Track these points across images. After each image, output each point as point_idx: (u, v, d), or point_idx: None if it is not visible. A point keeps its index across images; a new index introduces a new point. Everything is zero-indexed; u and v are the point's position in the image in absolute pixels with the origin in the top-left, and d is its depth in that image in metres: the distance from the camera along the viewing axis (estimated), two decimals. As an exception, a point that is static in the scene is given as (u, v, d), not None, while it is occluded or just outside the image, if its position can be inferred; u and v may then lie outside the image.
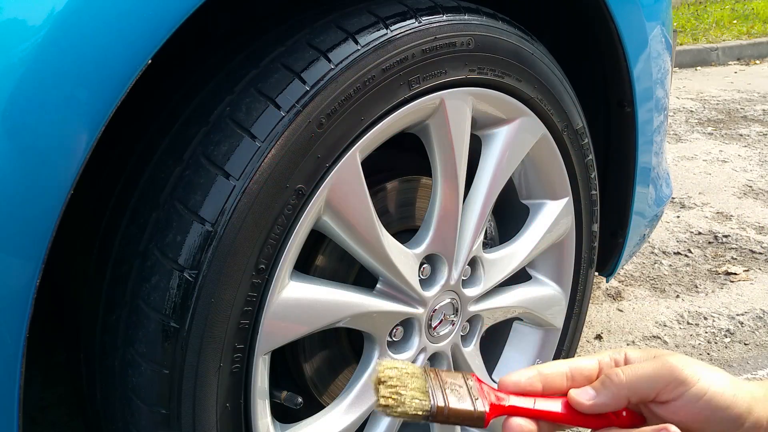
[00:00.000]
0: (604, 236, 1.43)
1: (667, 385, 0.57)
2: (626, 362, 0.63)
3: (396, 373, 0.59)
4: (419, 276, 1.05)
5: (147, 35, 0.70)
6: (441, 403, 0.58)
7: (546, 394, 0.61)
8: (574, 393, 0.60)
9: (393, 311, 1.02)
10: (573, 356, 1.44)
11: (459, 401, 0.59)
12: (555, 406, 0.61)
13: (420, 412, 0.58)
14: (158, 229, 0.80)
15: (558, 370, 0.62)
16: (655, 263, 2.41)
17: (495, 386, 0.63)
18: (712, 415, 0.57)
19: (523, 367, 1.32)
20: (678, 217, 2.79)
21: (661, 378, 0.58)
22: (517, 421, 0.59)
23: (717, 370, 0.60)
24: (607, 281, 2.26)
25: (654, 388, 0.58)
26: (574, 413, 0.60)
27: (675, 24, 7.08)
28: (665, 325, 2.05)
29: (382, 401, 0.58)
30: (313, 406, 1.07)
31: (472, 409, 0.59)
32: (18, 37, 0.63)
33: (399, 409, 0.58)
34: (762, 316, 2.06)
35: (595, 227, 1.36)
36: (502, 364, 1.36)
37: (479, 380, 0.62)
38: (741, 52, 6.35)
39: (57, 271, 0.91)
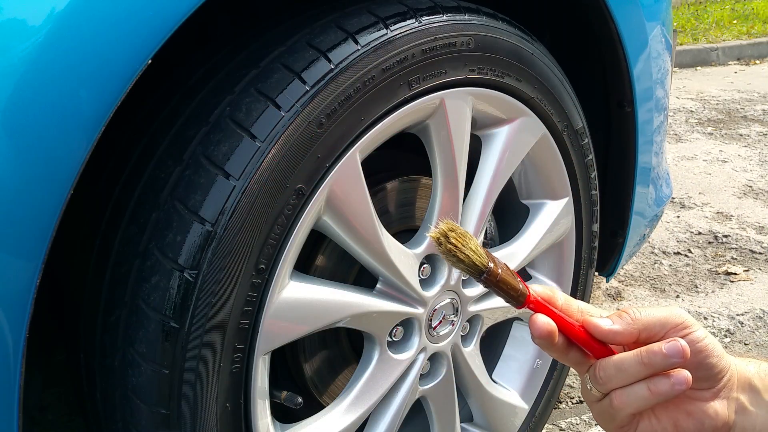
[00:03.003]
0: (604, 236, 1.43)
1: (676, 326, 0.63)
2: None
3: (461, 230, 0.62)
4: (419, 276, 1.05)
5: (147, 35, 0.70)
6: (496, 267, 0.62)
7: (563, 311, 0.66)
8: (592, 318, 0.65)
9: (393, 311, 1.02)
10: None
11: (507, 275, 0.62)
12: (573, 322, 0.65)
13: (479, 265, 0.61)
14: (158, 229, 0.80)
15: (572, 301, 0.66)
16: (655, 263, 2.41)
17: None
18: (704, 361, 0.63)
19: (523, 367, 1.33)
20: (678, 217, 2.79)
21: (672, 320, 0.64)
22: (543, 317, 0.63)
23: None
24: (607, 281, 2.26)
25: (664, 328, 0.63)
26: (587, 335, 0.64)
27: (675, 24, 7.08)
28: (665, 325, 2.05)
29: (451, 243, 0.61)
30: (313, 406, 1.07)
31: (517, 285, 0.63)
32: (18, 37, 0.63)
33: (461, 254, 0.61)
34: (762, 316, 2.06)
35: (595, 227, 1.36)
36: (502, 364, 1.35)
37: (516, 273, 0.66)
38: (741, 52, 6.35)
39: (57, 271, 0.91)
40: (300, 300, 0.90)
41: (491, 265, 0.62)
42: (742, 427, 0.65)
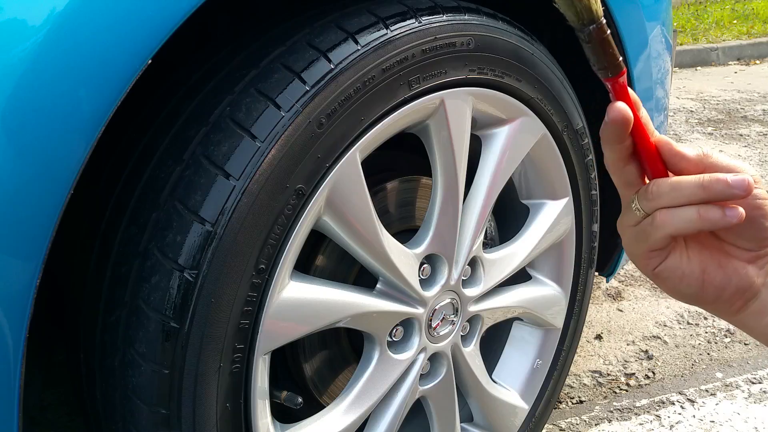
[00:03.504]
0: (604, 236, 1.43)
1: (734, 165, 0.61)
2: None
3: None
4: (419, 276, 1.05)
5: (147, 35, 0.70)
6: (605, 26, 0.55)
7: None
8: (666, 137, 0.62)
9: (393, 311, 1.02)
10: (573, 356, 1.45)
11: (612, 40, 0.56)
12: (646, 133, 0.61)
13: (594, 12, 0.54)
14: (158, 229, 0.80)
15: (650, 122, 0.64)
16: (655, 263, 2.40)
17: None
18: (757, 220, 0.61)
19: (523, 367, 1.33)
20: (678, 217, 2.79)
21: (741, 169, 0.61)
22: (624, 105, 0.60)
23: None
24: (607, 281, 2.26)
25: (732, 164, 0.61)
26: (654, 151, 0.61)
27: (675, 24, 7.08)
28: (665, 325, 2.05)
29: None
30: (313, 406, 1.07)
31: (618, 54, 0.57)
32: (18, 37, 0.63)
33: None
34: (762, 316, 2.06)
35: (595, 227, 1.36)
36: (502, 364, 1.36)
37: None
38: (741, 52, 6.35)
39: (57, 271, 0.91)
40: (300, 300, 0.90)
41: (603, 20, 0.54)
42: (764, 302, 0.63)
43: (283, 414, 1.02)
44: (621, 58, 0.57)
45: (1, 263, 0.66)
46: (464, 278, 1.14)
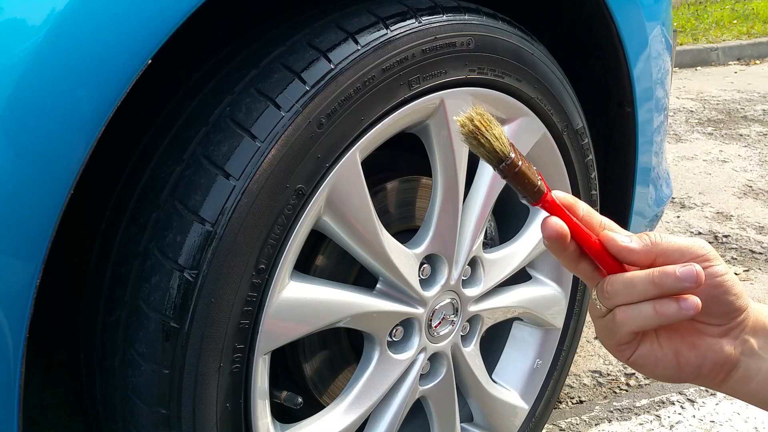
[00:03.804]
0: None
1: (696, 257, 0.61)
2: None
3: (489, 116, 0.60)
4: (419, 276, 1.05)
5: (147, 35, 0.70)
6: (517, 159, 0.59)
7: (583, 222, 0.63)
8: (610, 233, 0.62)
9: (393, 311, 1.02)
10: (573, 357, 1.45)
11: (527, 169, 0.60)
12: (589, 233, 0.62)
13: (499, 152, 0.59)
14: (158, 229, 0.80)
15: (595, 215, 0.64)
16: (655, 263, 2.40)
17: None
18: (721, 296, 0.61)
19: (523, 367, 1.33)
20: (678, 217, 2.79)
21: (693, 250, 0.61)
22: (556, 219, 0.61)
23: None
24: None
25: (683, 257, 0.61)
26: (601, 249, 0.62)
27: (675, 24, 7.08)
28: (665, 325, 2.05)
29: (474, 125, 0.59)
30: (313, 406, 1.07)
31: (536, 181, 0.60)
32: (18, 37, 0.63)
33: (483, 138, 0.59)
34: (762, 316, 2.06)
35: (595, 227, 1.36)
36: (502, 364, 1.35)
37: (540, 174, 0.63)
38: (741, 52, 6.35)
39: (57, 271, 0.91)
40: (300, 300, 0.90)
41: (512, 155, 0.59)
42: (746, 369, 0.63)
43: (283, 414, 1.02)
44: (539, 183, 0.60)
45: (1, 263, 0.66)
46: (464, 278, 1.14)
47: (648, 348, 0.63)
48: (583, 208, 0.63)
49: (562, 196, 0.62)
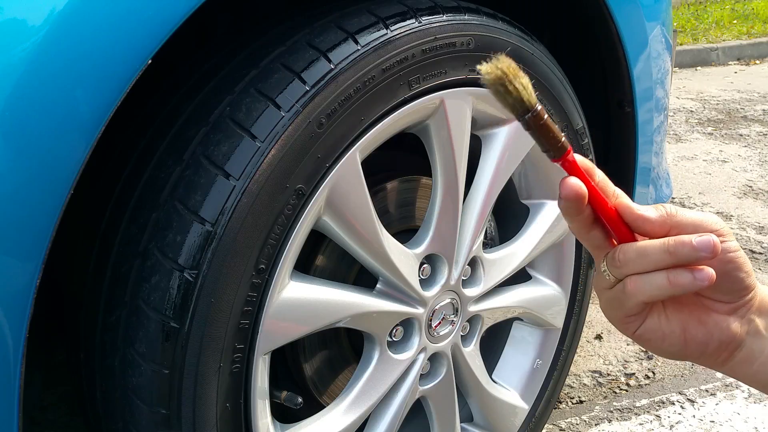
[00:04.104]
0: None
1: (711, 231, 0.60)
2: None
3: (515, 66, 0.58)
4: (419, 276, 1.05)
5: (147, 35, 0.70)
6: (543, 111, 0.57)
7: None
8: (626, 201, 0.61)
9: (393, 311, 1.02)
10: (573, 356, 1.45)
11: (552, 123, 0.58)
12: (605, 200, 0.61)
13: (527, 102, 0.56)
14: (158, 229, 0.80)
15: (610, 183, 0.63)
16: (655, 263, 2.40)
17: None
18: (732, 272, 0.61)
19: (523, 367, 1.33)
20: (678, 217, 2.79)
21: (707, 224, 0.60)
22: (575, 180, 0.59)
23: None
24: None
25: (697, 231, 0.60)
26: (616, 216, 0.61)
27: (675, 24, 7.07)
28: (665, 325, 2.05)
29: (503, 69, 0.56)
30: (313, 406, 1.07)
31: (560, 136, 0.58)
32: (18, 37, 0.63)
33: (513, 84, 0.56)
34: (762, 316, 2.06)
35: (595, 227, 1.36)
36: (502, 364, 1.35)
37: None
38: (741, 52, 6.35)
39: (57, 271, 0.91)
40: (300, 300, 0.90)
41: (539, 106, 0.57)
42: (750, 350, 0.63)
43: (283, 414, 1.02)
44: (563, 139, 0.58)
45: (1, 263, 0.66)
46: (464, 278, 1.14)
47: (655, 322, 0.63)
48: (599, 175, 0.62)
49: (580, 159, 0.61)
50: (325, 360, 1.09)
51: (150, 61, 0.70)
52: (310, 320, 0.92)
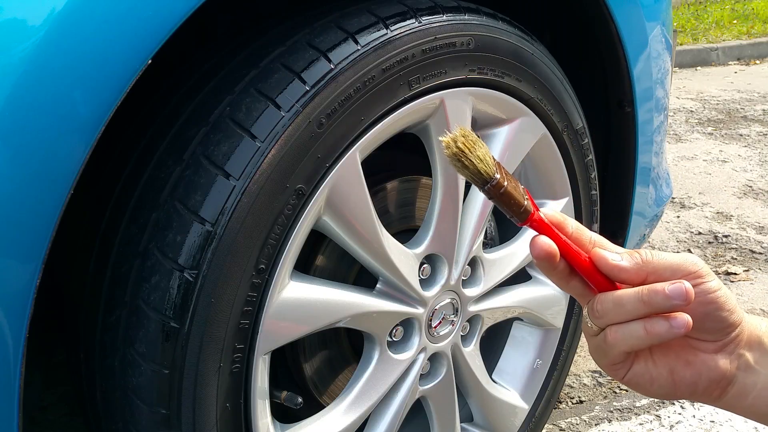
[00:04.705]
0: (604, 236, 1.42)
1: (688, 274, 0.60)
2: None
3: (474, 137, 0.60)
4: (419, 276, 1.05)
5: (147, 35, 0.70)
6: (502, 180, 0.60)
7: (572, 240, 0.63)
8: (601, 250, 0.62)
9: (393, 311, 1.02)
10: (573, 356, 1.45)
11: (514, 189, 0.60)
12: (579, 251, 0.62)
13: (484, 174, 0.59)
14: (158, 229, 0.80)
15: (585, 231, 0.64)
16: (655, 263, 2.40)
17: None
18: (714, 312, 0.61)
19: (523, 367, 1.33)
20: (678, 217, 2.79)
21: (685, 267, 0.60)
22: (544, 238, 0.60)
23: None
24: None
25: (675, 275, 0.60)
26: (592, 267, 0.62)
27: (675, 24, 7.07)
28: (665, 325, 2.05)
29: (459, 147, 0.59)
30: (313, 406, 1.07)
31: (522, 201, 0.60)
32: (18, 37, 0.63)
33: (469, 159, 0.59)
34: (762, 316, 2.06)
35: (595, 227, 1.36)
36: (502, 364, 1.35)
37: (527, 192, 0.63)
38: (741, 52, 6.35)
39: (57, 271, 0.91)
40: (300, 300, 0.90)
41: (497, 176, 0.59)
42: (742, 384, 0.63)
43: (283, 414, 1.02)
44: (526, 203, 0.60)
45: (1, 263, 0.66)
46: (464, 278, 1.14)
47: (642, 367, 0.63)
48: (572, 225, 0.63)
49: (550, 213, 0.62)
50: (325, 360, 1.09)
51: (150, 61, 0.70)
52: (310, 320, 0.92)
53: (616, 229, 1.44)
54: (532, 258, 0.61)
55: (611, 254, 0.61)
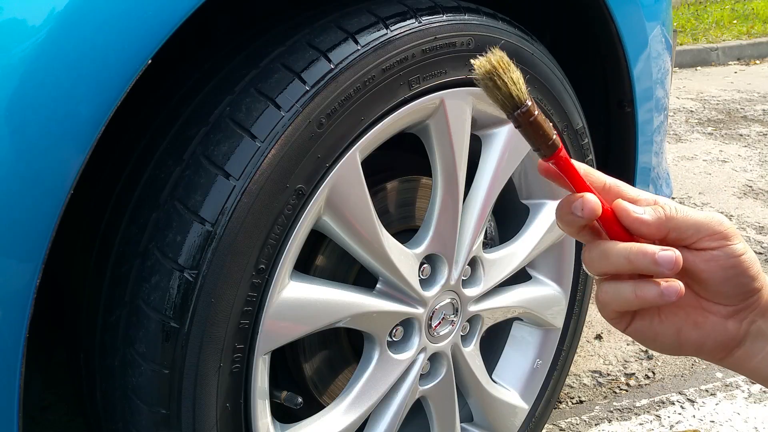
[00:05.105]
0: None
1: (712, 234, 0.57)
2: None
3: (508, 60, 0.55)
4: (419, 276, 1.05)
5: (147, 35, 0.70)
6: (533, 108, 0.55)
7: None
8: (624, 203, 0.58)
9: (393, 311, 1.02)
10: (573, 356, 1.45)
11: (543, 120, 0.56)
12: (603, 202, 0.58)
13: (515, 98, 0.54)
14: (158, 229, 0.80)
15: (596, 174, 0.60)
16: (655, 263, 2.40)
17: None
18: (735, 278, 0.58)
19: (523, 367, 1.33)
20: (678, 217, 2.79)
21: (709, 227, 0.57)
22: (596, 201, 0.56)
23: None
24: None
25: (698, 234, 0.57)
26: (612, 217, 0.58)
27: (675, 24, 7.07)
28: (665, 325, 2.05)
29: (494, 63, 0.54)
30: (313, 406, 1.07)
31: (551, 134, 0.56)
32: (18, 37, 0.63)
33: (502, 79, 0.54)
34: (762, 316, 2.06)
35: (595, 227, 1.36)
36: (502, 364, 1.35)
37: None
38: (741, 52, 6.35)
39: (57, 271, 0.91)
40: (300, 300, 0.90)
41: (529, 102, 0.54)
42: (750, 347, 0.60)
43: (283, 414, 1.02)
44: (554, 137, 0.56)
45: (1, 263, 0.66)
46: (464, 278, 1.14)
47: (647, 322, 0.61)
48: (595, 176, 0.60)
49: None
50: (325, 360, 1.09)
51: (150, 61, 0.70)
52: (310, 320, 0.92)
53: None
54: (577, 213, 0.56)
55: (634, 207, 0.58)
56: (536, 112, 0.55)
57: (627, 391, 1.76)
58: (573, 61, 1.30)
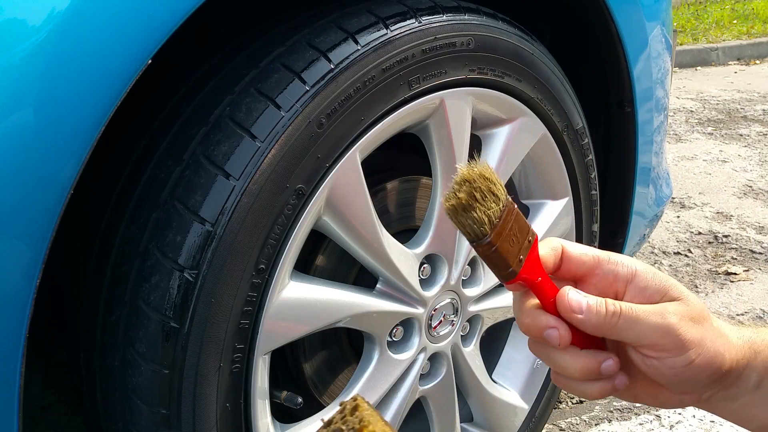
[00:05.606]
0: (604, 236, 1.42)
1: (653, 346, 0.55)
2: (633, 284, 0.58)
3: (484, 184, 0.54)
4: (419, 276, 1.05)
5: (147, 35, 0.70)
6: (494, 241, 0.54)
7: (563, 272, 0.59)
8: (567, 294, 0.56)
9: (393, 311, 1.02)
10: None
11: (510, 247, 0.55)
12: (551, 292, 0.58)
13: (472, 234, 0.55)
14: (158, 229, 0.80)
15: (582, 254, 0.59)
16: (655, 263, 2.41)
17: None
18: (687, 381, 0.56)
19: (523, 367, 1.33)
20: (678, 217, 2.79)
21: (652, 338, 0.54)
22: (566, 332, 0.56)
23: (721, 333, 0.56)
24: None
25: (639, 342, 0.55)
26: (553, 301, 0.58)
27: (675, 24, 7.07)
28: (665, 325, 2.04)
29: (456, 199, 0.54)
30: (313, 406, 1.07)
31: (512, 261, 0.56)
32: (19, 36, 0.63)
33: (459, 218, 0.54)
34: (762, 316, 2.06)
35: (595, 227, 1.36)
36: (502, 364, 1.35)
37: (536, 243, 0.58)
38: (741, 52, 6.35)
39: (57, 271, 0.91)
40: (300, 300, 0.90)
41: (487, 239, 0.54)
42: (734, 393, 0.58)
43: (283, 414, 1.02)
44: (511, 269, 0.56)
45: (1, 264, 0.66)
46: (464, 278, 1.14)
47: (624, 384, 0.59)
48: (563, 255, 0.59)
49: (543, 252, 0.58)
50: (325, 360, 1.09)
51: (150, 61, 0.70)
52: (310, 320, 0.92)
53: (616, 229, 1.44)
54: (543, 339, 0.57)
55: (577, 303, 0.56)
56: (493, 248, 0.55)
57: (627, 391, 1.75)
58: (573, 61, 1.30)
